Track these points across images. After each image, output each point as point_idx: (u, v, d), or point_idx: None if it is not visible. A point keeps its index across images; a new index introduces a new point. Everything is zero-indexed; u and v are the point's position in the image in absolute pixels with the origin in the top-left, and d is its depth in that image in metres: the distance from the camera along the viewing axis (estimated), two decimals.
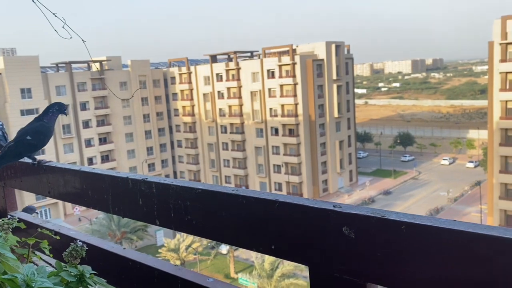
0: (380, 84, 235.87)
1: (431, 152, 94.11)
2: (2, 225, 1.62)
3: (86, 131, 67.92)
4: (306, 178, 65.80)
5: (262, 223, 1.33)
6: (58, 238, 1.96)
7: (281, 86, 65.88)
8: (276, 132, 67.45)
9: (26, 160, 2.45)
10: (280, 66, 65.82)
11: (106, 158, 70.32)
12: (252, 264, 41.57)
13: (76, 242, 1.46)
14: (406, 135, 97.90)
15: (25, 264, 1.37)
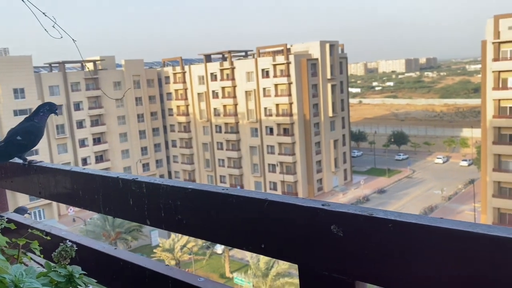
0: (374, 83, 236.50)
1: (425, 151, 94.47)
2: None
3: (80, 131, 67.61)
4: (301, 177, 65.90)
5: (252, 222, 1.34)
6: (49, 238, 1.96)
7: (275, 86, 65.91)
8: (271, 131, 67.47)
9: (17, 160, 2.44)
10: (274, 66, 65.84)
11: (100, 158, 70.06)
12: (247, 264, 41.57)
13: (66, 243, 1.45)
14: (400, 134, 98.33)
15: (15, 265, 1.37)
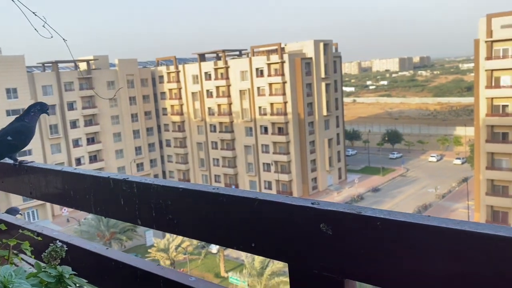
0: (368, 82, 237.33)
1: (418, 149, 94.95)
2: None
3: (74, 131, 67.27)
4: (296, 176, 66.00)
5: (242, 221, 1.34)
6: (40, 239, 1.95)
7: (270, 85, 65.92)
8: (265, 130, 67.50)
9: (8, 160, 2.42)
10: (269, 65, 65.87)
11: (94, 158, 69.76)
12: (242, 263, 41.58)
13: (56, 243, 1.45)
14: (394, 133, 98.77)
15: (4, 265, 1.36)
